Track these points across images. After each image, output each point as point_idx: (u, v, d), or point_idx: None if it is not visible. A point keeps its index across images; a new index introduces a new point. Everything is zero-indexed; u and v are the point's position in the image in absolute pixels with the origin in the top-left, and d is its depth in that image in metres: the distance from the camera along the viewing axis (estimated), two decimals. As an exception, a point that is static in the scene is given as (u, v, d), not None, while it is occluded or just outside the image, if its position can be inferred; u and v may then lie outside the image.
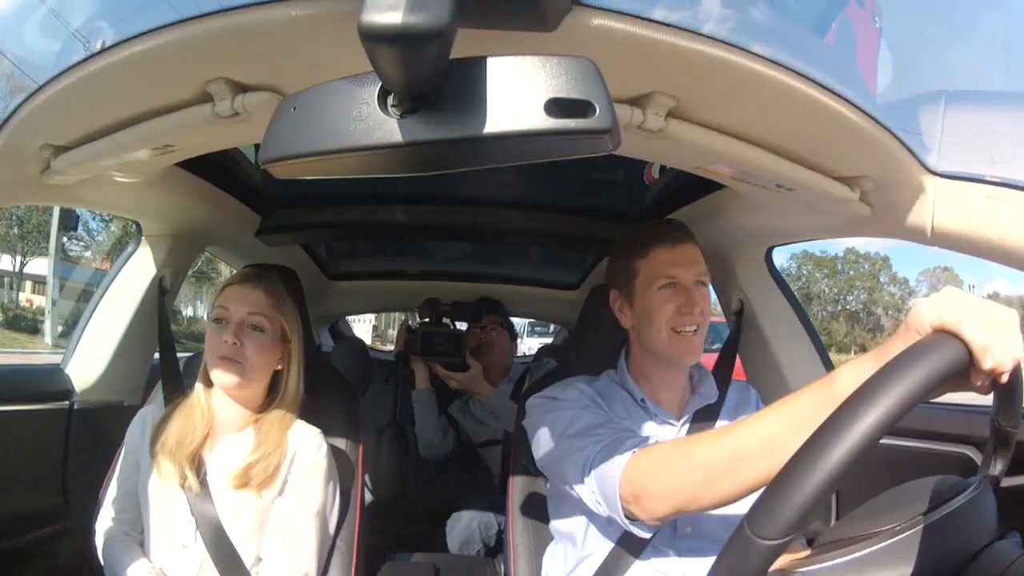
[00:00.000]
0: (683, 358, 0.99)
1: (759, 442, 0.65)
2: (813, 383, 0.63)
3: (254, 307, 1.06)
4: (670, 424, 1.02)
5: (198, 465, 1.03)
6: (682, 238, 1.02)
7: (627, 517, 0.80)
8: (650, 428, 1.01)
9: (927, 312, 0.52)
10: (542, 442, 0.97)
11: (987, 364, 0.49)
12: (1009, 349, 0.49)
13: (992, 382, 0.53)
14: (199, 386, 1.09)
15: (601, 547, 0.95)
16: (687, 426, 1.02)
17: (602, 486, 0.82)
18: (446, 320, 1.97)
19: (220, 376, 1.03)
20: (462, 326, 2.03)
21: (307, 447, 1.07)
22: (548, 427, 0.96)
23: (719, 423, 1.03)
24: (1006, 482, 0.59)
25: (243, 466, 1.02)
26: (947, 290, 0.54)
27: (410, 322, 1.88)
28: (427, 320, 1.93)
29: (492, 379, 1.91)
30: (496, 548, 1.69)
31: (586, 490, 0.85)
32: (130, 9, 0.68)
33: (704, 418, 1.03)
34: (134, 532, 1.08)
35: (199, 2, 0.59)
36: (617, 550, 0.92)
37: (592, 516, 0.95)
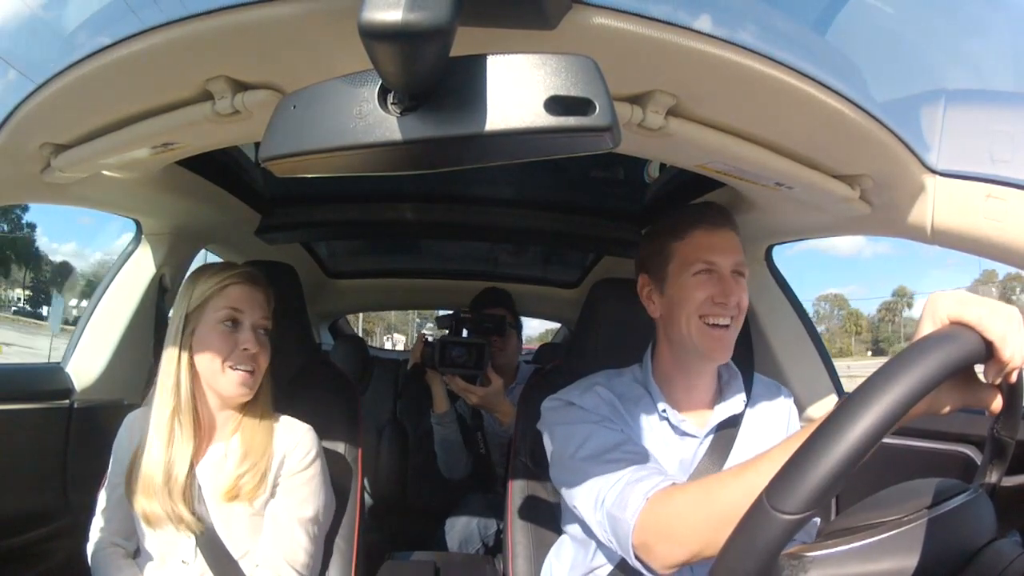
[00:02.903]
0: (712, 354, 0.93)
1: None
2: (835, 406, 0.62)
3: (265, 312, 1.03)
4: (692, 437, 0.96)
5: (190, 482, 0.99)
6: (723, 222, 0.95)
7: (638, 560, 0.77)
8: (670, 442, 0.96)
9: (945, 305, 0.53)
10: (554, 457, 0.93)
11: (1007, 353, 0.50)
12: (1021, 344, 0.50)
13: (999, 387, 0.54)
14: (185, 400, 0.99)
15: (611, 560, 0.92)
16: (710, 437, 0.96)
17: (614, 527, 0.79)
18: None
19: (234, 387, 0.98)
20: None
21: (297, 448, 1.04)
22: (561, 441, 0.92)
23: (743, 430, 0.98)
24: (1006, 482, 0.60)
25: (233, 480, 0.98)
26: (959, 291, 0.54)
27: (427, 335, 1.80)
28: (446, 331, 1.81)
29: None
30: (495, 547, 1.69)
31: (597, 525, 0.83)
32: (130, 7, 0.67)
33: (728, 427, 0.97)
34: (125, 541, 1.06)
35: (199, 0, 0.59)
36: (624, 564, 0.86)
37: None
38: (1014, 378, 0.52)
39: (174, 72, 0.70)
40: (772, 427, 1.02)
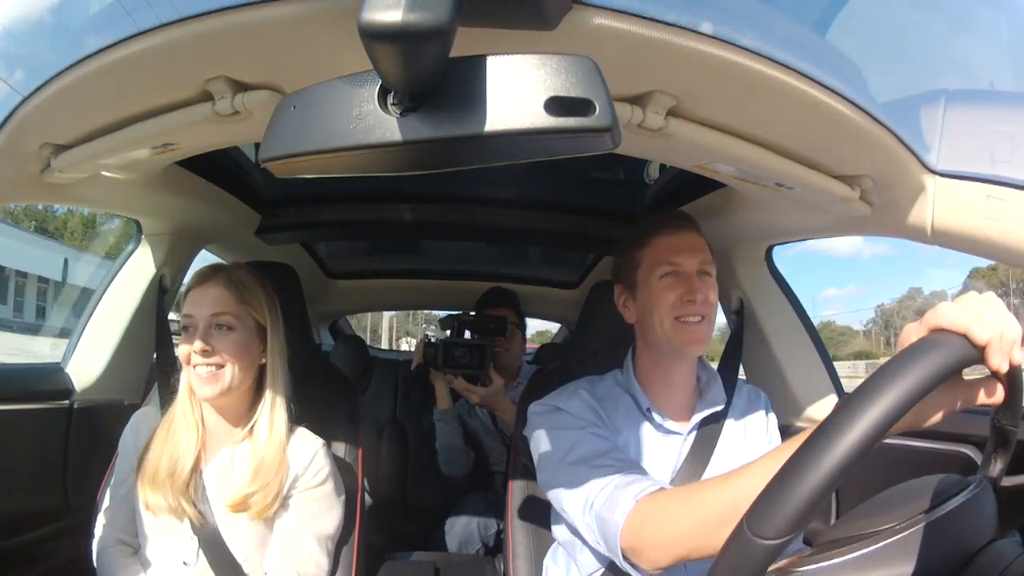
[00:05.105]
0: (688, 348, 0.96)
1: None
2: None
3: (217, 306, 1.00)
4: (675, 434, 0.99)
5: (195, 481, 1.00)
6: (684, 225, 0.99)
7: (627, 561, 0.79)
8: (654, 440, 0.98)
9: (915, 328, 0.52)
10: (542, 461, 0.95)
11: (984, 334, 0.48)
12: (998, 320, 0.49)
13: (998, 377, 0.53)
14: (184, 399, 1.03)
15: (601, 562, 0.93)
16: (694, 434, 0.99)
17: (603, 530, 0.80)
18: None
19: (201, 387, 0.98)
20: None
21: (309, 466, 1.03)
22: (549, 446, 0.94)
23: (725, 430, 1.01)
24: (1006, 482, 0.59)
25: (241, 496, 0.98)
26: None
27: (430, 336, 1.82)
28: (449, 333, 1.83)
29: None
30: (495, 548, 1.69)
31: (586, 528, 0.84)
32: (130, 7, 0.67)
33: (710, 424, 1.00)
34: (131, 538, 1.05)
35: (199, 1, 0.59)
36: (614, 566, 0.87)
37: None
38: (1016, 359, 0.50)
39: (174, 72, 0.70)
40: (754, 429, 1.05)
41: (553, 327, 3.21)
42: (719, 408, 1.01)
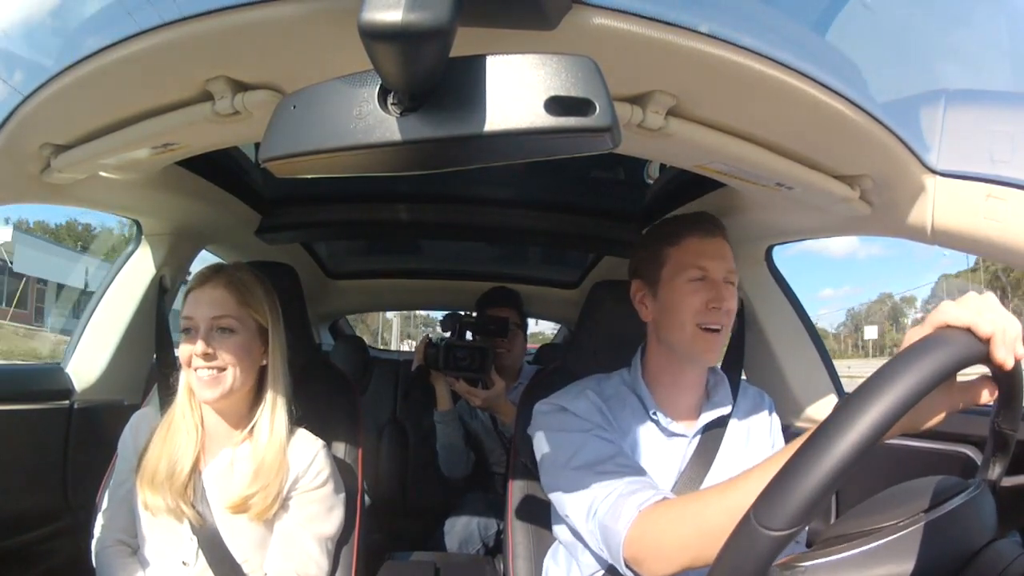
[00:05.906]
0: (704, 356, 0.95)
1: None
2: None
3: (218, 309, 0.99)
4: (680, 436, 0.98)
5: (195, 482, 1.00)
6: (716, 231, 0.98)
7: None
8: (659, 443, 0.98)
9: (917, 328, 0.54)
10: (546, 463, 0.94)
11: (986, 328, 0.50)
12: (999, 317, 0.50)
13: (995, 379, 0.53)
14: (183, 400, 1.03)
15: (601, 565, 0.93)
16: (698, 437, 0.99)
17: (606, 537, 0.80)
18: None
19: (201, 390, 0.98)
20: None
21: (309, 467, 1.02)
22: (553, 448, 0.93)
23: (729, 433, 1.00)
24: (1006, 482, 0.59)
25: (241, 497, 0.97)
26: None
27: (431, 337, 1.81)
28: (450, 334, 1.82)
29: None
30: (495, 548, 1.69)
31: (589, 535, 0.84)
32: (130, 7, 0.67)
33: (715, 427, 1.00)
34: (130, 539, 1.05)
35: (199, 1, 0.59)
36: (615, 568, 0.88)
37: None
38: (1020, 353, 0.51)
39: (174, 72, 0.70)
40: (758, 432, 1.05)
41: (547, 328, 3.22)
42: (725, 411, 1.00)
